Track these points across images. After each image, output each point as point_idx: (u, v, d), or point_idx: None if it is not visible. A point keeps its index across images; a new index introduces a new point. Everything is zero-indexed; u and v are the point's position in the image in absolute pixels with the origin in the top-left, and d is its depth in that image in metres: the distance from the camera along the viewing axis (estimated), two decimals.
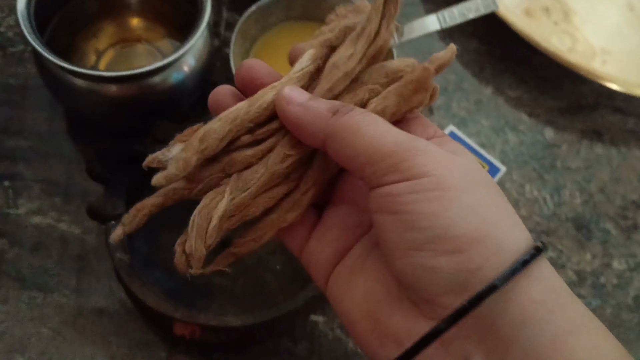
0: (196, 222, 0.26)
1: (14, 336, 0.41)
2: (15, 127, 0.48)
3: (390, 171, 0.23)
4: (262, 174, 0.26)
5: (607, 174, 0.53)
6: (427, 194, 0.22)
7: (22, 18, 0.40)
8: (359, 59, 0.26)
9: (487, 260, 0.22)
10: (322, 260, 0.27)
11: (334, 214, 0.28)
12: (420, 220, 0.22)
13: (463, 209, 0.22)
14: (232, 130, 0.26)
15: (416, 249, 0.23)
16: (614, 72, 0.56)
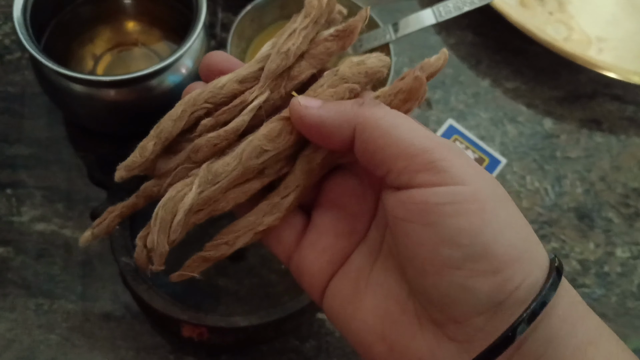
0: (160, 215, 0.24)
1: (23, 344, 0.41)
2: (15, 135, 0.48)
3: (425, 169, 0.21)
4: (235, 167, 0.24)
5: (607, 163, 0.53)
6: (467, 206, 0.21)
7: (18, 25, 0.40)
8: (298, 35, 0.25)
9: (523, 280, 0.21)
10: (316, 270, 0.25)
11: (324, 219, 0.26)
12: (460, 237, 0.21)
13: (501, 226, 0.21)
14: (186, 110, 0.25)
15: (453, 266, 0.21)
16: (611, 60, 0.56)
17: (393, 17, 0.58)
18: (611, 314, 0.47)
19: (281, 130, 0.25)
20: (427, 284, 0.22)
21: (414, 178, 0.21)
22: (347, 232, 0.26)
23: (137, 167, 0.25)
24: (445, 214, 0.21)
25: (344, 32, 0.27)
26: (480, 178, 0.22)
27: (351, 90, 0.25)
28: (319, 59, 0.26)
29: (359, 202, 0.26)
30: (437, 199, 0.21)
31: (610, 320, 0.46)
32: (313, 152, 0.25)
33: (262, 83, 0.25)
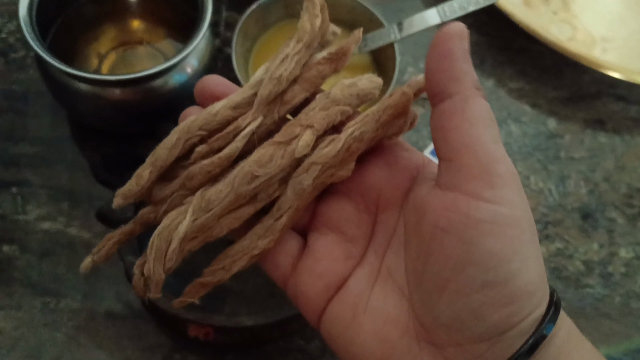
0: (155, 244, 0.24)
1: (29, 342, 0.41)
2: (19, 134, 0.48)
3: (481, 178, 0.21)
4: (227, 194, 0.24)
5: (611, 163, 0.53)
6: (506, 230, 0.21)
7: (24, 24, 0.40)
8: (291, 61, 0.25)
9: (530, 313, 0.21)
10: (313, 294, 0.25)
11: (320, 243, 0.26)
12: (489, 260, 0.21)
13: (528, 258, 0.21)
14: (180, 138, 0.25)
15: (472, 289, 0.21)
16: (615, 60, 0.56)
17: (397, 16, 0.58)
18: (615, 315, 0.47)
19: (272, 155, 0.25)
20: (442, 302, 0.22)
21: (468, 182, 0.21)
22: (343, 256, 0.25)
23: (133, 194, 0.26)
24: (483, 233, 0.21)
25: (336, 54, 0.26)
26: (523, 207, 0.21)
27: (343, 112, 0.25)
28: (312, 83, 0.26)
29: (355, 226, 0.26)
30: (480, 215, 0.21)
31: (614, 321, 0.47)
32: (304, 172, 0.25)
33: (255, 109, 0.26)
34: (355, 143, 0.25)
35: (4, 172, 0.46)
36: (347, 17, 0.52)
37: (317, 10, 0.26)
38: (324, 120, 0.25)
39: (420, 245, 0.23)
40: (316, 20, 0.26)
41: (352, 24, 0.52)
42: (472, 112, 0.22)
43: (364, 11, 0.51)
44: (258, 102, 0.25)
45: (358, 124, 0.25)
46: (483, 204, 0.21)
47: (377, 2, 0.56)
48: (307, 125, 0.25)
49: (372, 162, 0.26)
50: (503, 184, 0.21)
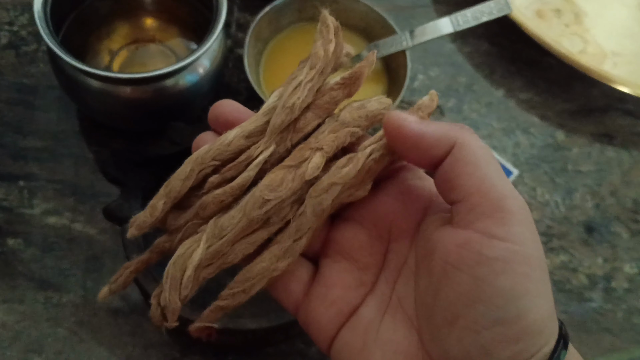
0: (170, 273, 0.25)
1: (31, 336, 0.41)
2: (29, 128, 0.48)
3: (491, 215, 0.21)
4: (240, 219, 0.24)
5: (618, 177, 0.53)
6: (517, 268, 0.21)
7: (39, 19, 0.40)
8: (304, 89, 0.26)
9: (539, 350, 0.21)
10: (324, 322, 0.25)
11: (332, 270, 0.26)
12: (499, 297, 0.21)
13: (538, 296, 0.21)
14: (194, 169, 0.26)
15: (483, 326, 0.21)
16: (625, 75, 0.56)
17: (409, 23, 0.58)
18: (616, 329, 0.47)
19: (283, 178, 0.25)
20: (452, 337, 0.22)
21: (479, 219, 0.21)
22: (355, 284, 0.26)
23: (148, 225, 0.26)
24: (494, 271, 0.21)
25: (349, 79, 0.26)
26: (535, 244, 0.22)
27: (352, 134, 0.25)
28: (325, 109, 0.26)
29: (367, 254, 0.26)
30: (492, 254, 0.21)
31: (615, 336, 0.47)
32: (324, 192, 0.25)
33: (267, 138, 0.26)
34: (374, 164, 0.25)
35: (12, 164, 0.46)
36: (360, 23, 0.52)
37: (331, 34, 0.26)
38: (333, 142, 0.25)
39: (430, 280, 0.23)
40: (330, 46, 0.26)
41: (364, 30, 0.52)
42: (470, 156, 0.22)
43: (377, 18, 0.51)
44: (270, 131, 0.26)
45: (376, 145, 0.25)
46: (495, 242, 0.21)
47: (389, 9, 0.56)
48: (316, 148, 0.25)
49: (385, 191, 0.26)
50: (514, 221, 0.21)
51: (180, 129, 0.42)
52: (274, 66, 0.51)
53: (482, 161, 0.22)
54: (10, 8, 0.53)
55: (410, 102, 0.54)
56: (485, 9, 0.49)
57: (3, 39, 0.52)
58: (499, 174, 0.22)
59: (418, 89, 0.55)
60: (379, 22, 0.51)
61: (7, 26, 0.52)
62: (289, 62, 0.51)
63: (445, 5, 0.60)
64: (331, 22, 0.26)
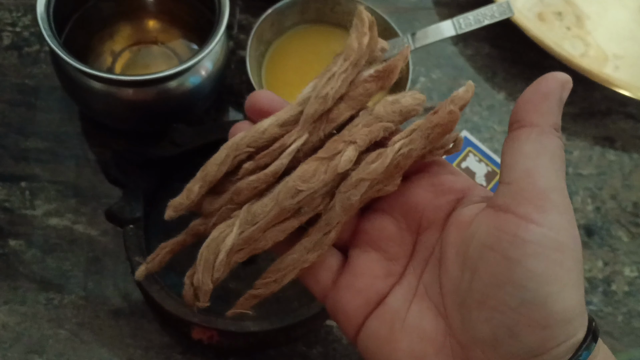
0: (204, 255, 0.26)
1: (32, 337, 0.41)
2: (31, 128, 0.48)
3: (534, 203, 0.22)
4: (272, 208, 0.25)
5: (619, 181, 0.53)
6: (550, 253, 0.21)
7: (41, 20, 0.40)
8: (337, 79, 0.26)
9: (566, 340, 0.22)
10: (352, 309, 0.26)
11: (361, 260, 0.27)
12: (529, 280, 0.21)
13: (569, 285, 0.22)
14: (229, 155, 0.26)
15: (510, 307, 0.21)
16: (626, 78, 0.56)
17: (411, 25, 0.58)
18: (617, 333, 0.47)
19: (315, 170, 0.25)
20: (480, 318, 0.22)
21: (521, 204, 0.22)
22: (383, 274, 0.26)
23: (184, 207, 0.27)
24: (527, 253, 0.21)
25: (383, 72, 0.27)
26: (572, 235, 0.22)
27: (385, 128, 0.26)
28: (358, 101, 0.27)
29: (396, 244, 0.26)
30: (526, 236, 0.21)
31: (615, 339, 0.47)
32: (353, 187, 0.25)
33: (301, 127, 0.26)
34: (403, 159, 0.25)
35: (14, 166, 0.47)
36: None
37: (366, 27, 0.27)
38: (366, 136, 0.26)
39: (465, 264, 0.23)
40: (364, 39, 0.27)
41: None
42: (542, 145, 0.23)
43: (378, 20, 0.51)
44: (304, 120, 0.26)
45: (406, 140, 0.25)
46: (531, 226, 0.21)
47: (391, 10, 0.57)
48: (350, 141, 0.26)
49: (416, 183, 0.27)
50: (554, 210, 0.22)
51: (182, 131, 0.43)
52: (276, 68, 0.51)
53: (547, 154, 0.23)
54: (13, 9, 0.53)
55: None
56: (487, 12, 0.49)
57: (5, 40, 0.52)
58: (558, 172, 0.23)
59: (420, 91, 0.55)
60: (381, 25, 0.51)
61: (9, 27, 0.52)
62: (291, 63, 0.51)
63: (447, 7, 0.60)
64: (366, 17, 0.27)
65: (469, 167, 0.50)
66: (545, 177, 0.22)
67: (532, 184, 0.22)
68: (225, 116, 0.51)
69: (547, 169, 0.22)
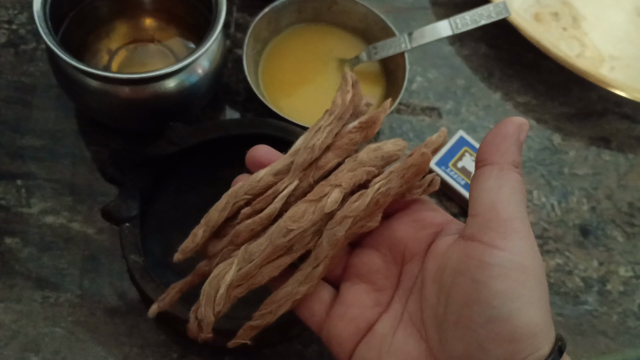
0: (206, 291, 0.29)
1: (28, 335, 0.41)
2: (27, 126, 0.48)
3: (496, 229, 0.24)
4: (266, 246, 0.28)
5: (614, 181, 0.53)
6: (512, 274, 0.24)
7: (38, 19, 0.40)
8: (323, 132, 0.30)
9: (531, 354, 0.23)
10: (344, 338, 0.29)
11: (351, 292, 0.29)
12: (494, 298, 0.23)
13: (531, 302, 0.24)
14: (229, 202, 0.30)
15: (479, 324, 0.24)
16: (622, 79, 0.56)
17: (408, 25, 0.58)
18: (611, 332, 0.47)
19: (304, 211, 0.28)
20: (455, 337, 0.25)
21: (486, 233, 0.25)
22: (372, 304, 0.29)
23: (190, 250, 0.30)
24: (491, 275, 0.24)
25: (366, 123, 0.30)
26: (533, 258, 0.25)
27: (368, 172, 0.29)
28: (344, 149, 0.30)
29: (383, 276, 0.29)
30: (490, 260, 0.24)
31: (610, 339, 0.47)
32: (338, 224, 0.28)
33: (292, 174, 0.30)
34: (382, 197, 0.28)
35: (10, 163, 0.46)
36: (360, 24, 0.52)
37: (349, 86, 0.30)
38: (351, 180, 0.29)
39: (441, 289, 0.26)
40: (347, 96, 0.30)
41: (364, 31, 0.52)
42: (502, 180, 0.26)
43: (376, 19, 0.51)
44: (294, 169, 0.29)
45: (384, 181, 0.28)
46: (495, 251, 0.24)
47: (388, 10, 0.57)
48: (335, 184, 0.29)
49: (400, 220, 0.30)
50: (516, 237, 0.24)
51: (179, 129, 0.42)
52: (273, 67, 0.51)
53: (508, 187, 0.25)
54: (10, 6, 0.53)
55: (409, 104, 0.54)
56: (484, 12, 0.49)
57: (2, 37, 0.52)
58: (518, 202, 0.25)
59: (416, 91, 0.55)
60: (378, 24, 0.51)
61: (6, 24, 0.52)
62: (287, 62, 0.51)
63: (443, 7, 0.60)
64: (350, 77, 0.31)
65: (464, 166, 0.50)
66: (506, 208, 0.25)
67: (496, 215, 0.25)
68: (222, 115, 0.51)
69: (509, 201, 0.25)
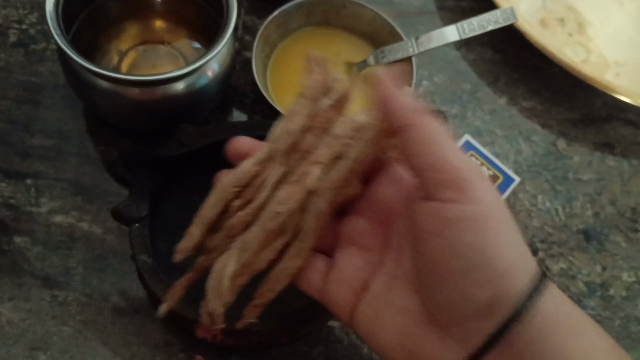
0: (211, 286, 0.30)
1: (36, 334, 0.41)
2: (37, 126, 0.48)
3: (450, 185, 0.25)
4: (260, 233, 0.30)
5: (618, 187, 0.54)
6: (476, 222, 0.24)
7: (50, 19, 0.41)
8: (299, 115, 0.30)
9: (513, 286, 0.24)
10: (342, 300, 0.30)
11: (344, 257, 0.30)
12: (467, 250, 0.24)
13: (504, 244, 0.25)
14: (219, 197, 0.31)
15: (459, 275, 0.25)
16: (627, 85, 0.56)
17: (415, 29, 0.58)
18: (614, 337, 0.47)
19: (289, 193, 0.30)
20: (438, 290, 0.26)
21: (439, 191, 0.25)
22: (363, 264, 0.30)
23: (189, 249, 0.31)
24: (459, 229, 0.24)
25: (338, 101, 0.31)
26: (493, 200, 0.25)
27: (344, 145, 0.30)
28: (322, 129, 0.31)
29: (370, 237, 0.30)
30: (453, 215, 0.25)
31: None
32: (319, 198, 0.29)
33: (275, 161, 0.30)
34: (356, 165, 0.29)
35: (20, 163, 0.47)
36: (367, 28, 0.52)
37: (315, 66, 0.31)
38: (328, 155, 0.30)
39: (416, 248, 0.27)
40: (314, 76, 0.31)
41: (371, 35, 0.53)
42: (425, 136, 0.26)
43: (383, 23, 0.51)
44: (276, 155, 0.30)
45: (354, 149, 0.29)
46: (455, 205, 0.25)
47: (395, 14, 0.57)
48: (314, 162, 0.30)
49: (380, 182, 0.31)
50: (469, 187, 0.25)
51: (188, 131, 0.43)
52: (281, 69, 0.51)
53: (431, 142, 0.26)
54: (20, 6, 0.53)
55: None
56: (491, 18, 0.49)
57: (12, 37, 0.52)
58: (449, 149, 0.25)
59: (422, 95, 0.55)
60: (386, 28, 0.51)
61: (16, 24, 0.53)
62: (296, 65, 0.52)
63: (450, 12, 0.60)
64: (314, 57, 0.32)
65: None
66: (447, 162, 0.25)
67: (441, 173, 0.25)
68: (230, 117, 0.52)
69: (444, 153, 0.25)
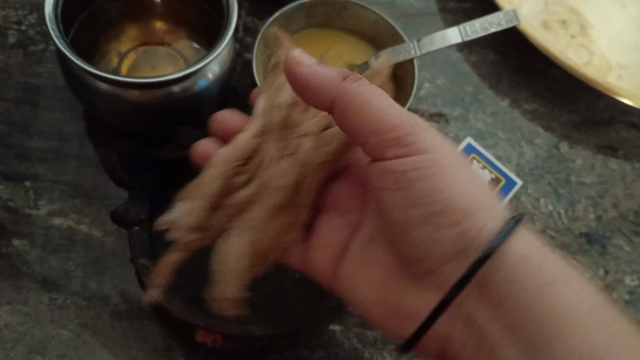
0: (222, 270, 0.29)
1: (35, 338, 0.41)
2: (35, 128, 0.48)
3: (393, 144, 0.25)
4: (262, 210, 0.29)
5: (620, 190, 0.53)
6: (427, 170, 0.24)
7: (49, 20, 0.40)
8: (285, 89, 0.30)
9: (483, 227, 0.24)
10: (324, 266, 0.29)
11: (322, 221, 0.30)
12: (425, 197, 0.24)
13: (459, 185, 0.24)
14: (220, 170, 0.30)
15: (421, 223, 0.24)
16: (629, 88, 0.56)
17: (417, 31, 0.58)
18: None
19: (285, 167, 0.29)
20: (405, 242, 0.25)
21: (384, 152, 0.25)
22: (341, 226, 0.30)
23: (191, 229, 0.30)
24: (411, 179, 0.24)
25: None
26: (442, 147, 0.25)
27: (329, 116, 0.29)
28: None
29: (347, 199, 0.30)
30: (403, 168, 0.24)
31: None
32: (315, 172, 0.29)
33: (269, 138, 0.30)
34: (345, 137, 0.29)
35: (18, 165, 0.46)
36: (370, 30, 0.52)
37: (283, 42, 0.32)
38: (316, 126, 0.30)
39: (378, 207, 0.27)
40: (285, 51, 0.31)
41: (373, 37, 0.52)
42: (356, 105, 0.25)
43: (385, 25, 0.51)
44: (271, 130, 0.30)
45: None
46: (403, 160, 0.25)
47: (397, 16, 0.57)
48: (304, 134, 0.30)
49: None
50: (410, 140, 0.25)
51: (188, 133, 0.42)
52: None
53: (364, 107, 0.25)
54: (19, 7, 0.53)
55: (417, 110, 0.54)
56: (494, 20, 0.49)
57: (11, 38, 0.52)
58: (384, 109, 0.25)
59: (424, 97, 0.55)
60: (388, 30, 0.51)
61: (15, 25, 0.52)
62: None
63: (452, 14, 0.60)
64: (279, 34, 0.33)
65: None
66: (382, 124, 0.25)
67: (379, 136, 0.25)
68: None
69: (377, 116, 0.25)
